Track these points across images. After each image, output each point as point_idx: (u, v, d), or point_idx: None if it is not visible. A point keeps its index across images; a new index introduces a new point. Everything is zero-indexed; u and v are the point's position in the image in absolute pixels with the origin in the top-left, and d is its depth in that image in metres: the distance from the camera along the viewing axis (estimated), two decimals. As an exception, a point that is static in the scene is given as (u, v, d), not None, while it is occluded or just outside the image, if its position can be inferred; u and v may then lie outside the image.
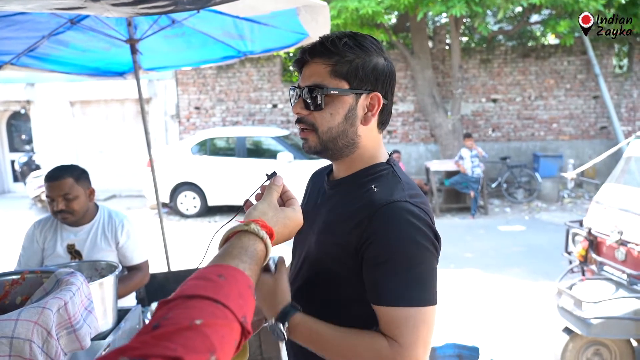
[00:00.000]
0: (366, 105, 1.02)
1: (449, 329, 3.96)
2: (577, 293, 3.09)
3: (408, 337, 0.92)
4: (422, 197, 1.03)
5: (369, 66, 1.00)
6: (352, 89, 1.00)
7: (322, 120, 1.01)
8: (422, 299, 0.93)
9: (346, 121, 1.01)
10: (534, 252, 6.12)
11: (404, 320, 0.92)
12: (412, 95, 10.46)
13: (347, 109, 1.01)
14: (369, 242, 0.95)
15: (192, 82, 10.81)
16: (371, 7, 7.77)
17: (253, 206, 0.91)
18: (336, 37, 1.00)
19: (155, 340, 0.54)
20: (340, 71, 0.99)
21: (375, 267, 0.95)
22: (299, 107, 1.02)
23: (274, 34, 2.88)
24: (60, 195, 2.07)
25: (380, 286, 0.94)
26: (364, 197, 1.01)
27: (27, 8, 1.38)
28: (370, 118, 1.03)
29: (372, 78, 1.01)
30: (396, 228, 0.94)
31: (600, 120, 10.36)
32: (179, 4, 1.43)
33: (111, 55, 3.06)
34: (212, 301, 0.61)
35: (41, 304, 1.06)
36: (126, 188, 10.70)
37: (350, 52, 0.99)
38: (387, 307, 0.93)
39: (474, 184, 8.20)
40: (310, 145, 1.04)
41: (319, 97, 0.99)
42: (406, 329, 0.92)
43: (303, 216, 1.19)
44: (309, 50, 1.01)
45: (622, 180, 3.64)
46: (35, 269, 1.33)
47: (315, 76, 1.00)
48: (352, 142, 1.03)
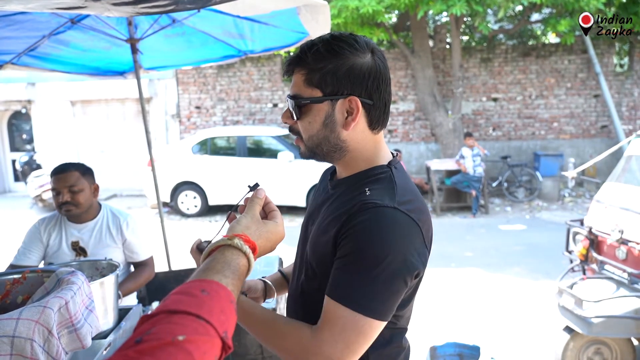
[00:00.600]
0: (346, 110, 0.99)
1: (449, 327, 3.96)
2: (577, 292, 3.09)
3: (332, 335, 0.90)
4: (416, 204, 0.99)
5: (341, 70, 0.97)
6: (326, 95, 0.98)
7: (304, 129, 1.02)
8: (366, 307, 0.90)
9: (325, 128, 1.00)
10: (534, 251, 6.12)
11: (336, 318, 0.91)
12: (412, 94, 10.46)
13: (323, 117, 0.99)
14: (345, 241, 0.94)
15: (193, 82, 10.81)
16: (371, 6, 7.76)
17: (236, 220, 0.92)
18: (310, 45, 0.99)
19: (137, 355, 0.54)
20: (312, 80, 0.98)
21: (341, 262, 0.94)
22: (286, 117, 1.05)
23: (274, 33, 2.88)
24: (65, 187, 2.12)
25: (333, 278, 0.94)
26: (355, 198, 0.99)
27: (27, 8, 1.38)
28: (350, 122, 0.99)
29: (346, 82, 0.97)
30: (369, 230, 0.92)
31: (601, 119, 10.35)
32: (180, 4, 1.43)
33: (112, 54, 3.06)
34: (195, 317, 0.61)
35: (42, 303, 1.06)
36: (127, 187, 10.71)
37: (320, 60, 0.97)
38: (330, 299, 0.93)
39: (476, 183, 8.20)
40: (302, 152, 1.07)
41: (298, 107, 1.00)
42: (334, 326, 0.90)
43: (308, 215, 1.21)
44: (290, 60, 1.01)
45: (623, 179, 3.64)
46: (36, 268, 1.33)
47: (295, 86, 1.01)
48: (338, 147, 1.02)
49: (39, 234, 2.20)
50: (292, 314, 1.16)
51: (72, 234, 2.21)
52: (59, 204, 2.14)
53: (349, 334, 0.89)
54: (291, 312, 1.17)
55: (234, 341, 2.12)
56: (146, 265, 2.37)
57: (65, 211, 2.15)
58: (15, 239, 2.60)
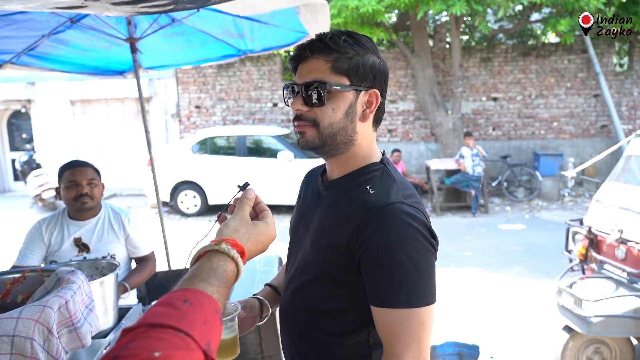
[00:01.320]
0: (364, 102, 1.03)
1: (449, 327, 3.96)
2: (577, 291, 3.09)
3: (402, 341, 0.92)
4: (417, 197, 1.03)
5: (367, 63, 1.01)
6: (353, 85, 1.00)
7: (323, 116, 1.00)
8: (421, 300, 0.93)
9: (346, 117, 1.01)
10: (534, 251, 6.13)
11: (399, 323, 0.92)
12: (412, 94, 10.46)
13: (347, 105, 1.01)
14: (366, 245, 0.95)
15: (193, 81, 10.81)
16: (371, 6, 7.76)
17: (224, 223, 0.90)
18: (335, 35, 1.00)
19: None
20: (340, 67, 0.99)
21: (374, 269, 0.95)
22: (299, 104, 1.01)
23: (273, 32, 2.88)
24: (86, 179, 2.19)
25: (378, 288, 0.94)
26: (359, 198, 1.00)
27: (27, 7, 1.38)
28: (368, 115, 1.03)
29: (371, 75, 1.02)
30: (394, 230, 0.94)
31: (601, 118, 10.35)
32: (179, 3, 1.43)
33: (111, 54, 3.06)
34: (174, 330, 0.60)
35: (42, 302, 1.06)
36: (127, 187, 10.71)
37: (350, 49, 0.99)
38: (384, 308, 0.93)
39: (475, 183, 8.20)
40: (308, 140, 1.03)
41: (321, 93, 0.98)
42: (400, 332, 0.92)
43: (298, 218, 1.19)
44: (309, 47, 1.01)
45: (622, 178, 3.64)
46: (36, 268, 1.33)
47: (315, 72, 1.00)
48: (350, 138, 1.03)
49: (40, 234, 2.21)
50: (288, 322, 1.15)
51: (75, 231, 2.23)
52: (75, 196, 2.17)
53: (415, 330, 0.92)
54: (288, 321, 1.15)
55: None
56: (149, 260, 2.42)
57: (81, 203, 2.19)
58: (15, 238, 2.61)
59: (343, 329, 1.04)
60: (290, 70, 1.07)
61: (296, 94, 1.02)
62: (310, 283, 1.07)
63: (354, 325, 1.03)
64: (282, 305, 1.18)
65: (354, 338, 1.04)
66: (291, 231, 1.22)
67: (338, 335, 1.04)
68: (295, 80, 1.04)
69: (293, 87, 1.03)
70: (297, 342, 1.13)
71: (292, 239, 1.20)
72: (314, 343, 1.08)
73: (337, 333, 1.04)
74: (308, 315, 1.08)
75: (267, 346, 2.12)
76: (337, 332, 1.04)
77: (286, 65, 11.04)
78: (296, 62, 1.04)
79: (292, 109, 1.03)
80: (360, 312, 1.02)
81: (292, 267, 1.16)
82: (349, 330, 1.04)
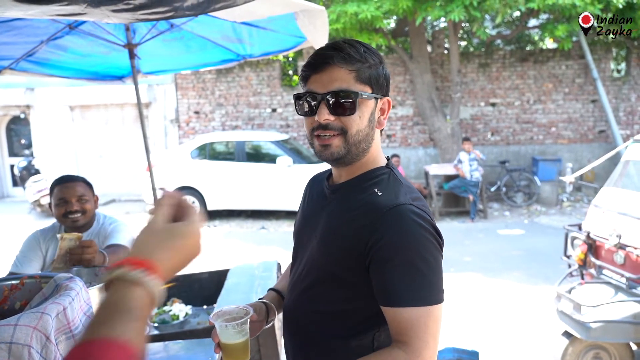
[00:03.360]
0: (379, 109, 1.08)
1: (448, 332, 3.95)
2: (576, 297, 3.09)
3: (421, 338, 0.94)
4: (423, 200, 1.06)
5: (383, 72, 1.05)
6: (374, 93, 1.04)
7: (352, 124, 1.02)
8: (433, 298, 0.96)
9: (369, 124, 1.05)
10: (533, 256, 6.12)
11: (416, 320, 0.94)
12: (411, 100, 10.49)
13: (370, 113, 1.05)
14: (378, 246, 0.96)
15: (192, 87, 10.83)
16: (370, 12, 7.80)
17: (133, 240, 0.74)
18: (353, 44, 1.03)
19: None
20: (364, 76, 1.02)
21: (385, 270, 0.96)
22: (326, 113, 1.00)
23: (272, 37, 2.89)
24: (75, 197, 2.13)
25: (391, 288, 0.95)
26: (368, 200, 1.02)
27: (27, 14, 1.38)
28: (382, 121, 1.08)
29: (385, 83, 1.07)
30: (404, 230, 0.96)
31: (599, 124, 10.39)
32: (179, 10, 1.44)
33: (110, 59, 3.07)
34: None
35: (40, 309, 1.06)
36: (126, 192, 10.70)
37: (370, 58, 1.03)
38: (399, 308, 0.95)
39: (473, 188, 8.21)
40: (334, 152, 1.02)
41: (352, 102, 1.00)
42: (418, 330, 0.94)
43: (303, 221, 1.19)
44: (333, 56, 1.00)
45: (621, 184, 3.65)
46: (35, 274, 1.33)
47: (339, 81, 1.00)
48: (369, 145, 1.07)
49: (38, 244, 2.19)
50: (293, 325, 1.15)
51: None
52: (65, 213, 2.12)
53: (431, 327, 0.95)
54: (293, 323, 1.15)
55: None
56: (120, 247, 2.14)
57: (72, 221, 2.14)
58: (14, 244, 2.60)
59: (348, 331, 1.04)
60: (301, 79, 1.06)
61: (319, 103, 1.01)
62: (316, 285, 1.08)
63: (359, 327, 1.04)
64: (287, 307, 1.18)
65: (359, 340, 1.04)
66: (295, 235, 1.22)
67: (343, 337, 1.05)
68: (314, 89, 1.01)
69: (314, 96, 1.01)
70: (301, 344, 1.13)
71: (296, 243, 1.21)
72: (319, 345, 1.08)
73: (342, 335, 1.05)
74: (313, 316, 1.08)
75: (266, 352, 2.11)
76: (342, 334, 1.05)
77: (285, 70, 11.07)
78: (313, 71, 1.02)
79: (317, 120, 1.01)
80: (366, 314, 1.03)
81: (297, 270, 1.16)
82: (354, 333, 1.04)
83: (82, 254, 1.71)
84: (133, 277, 0.64)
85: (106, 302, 0.64)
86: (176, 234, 0.73)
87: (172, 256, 0.71)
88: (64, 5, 1.24)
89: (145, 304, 0.64)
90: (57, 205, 2.15)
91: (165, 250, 0.70)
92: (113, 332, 0.59)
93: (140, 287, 0.64)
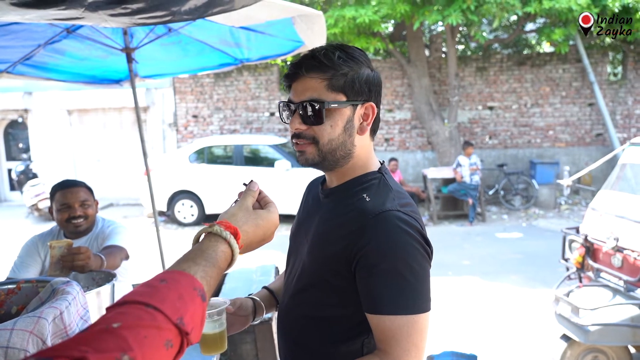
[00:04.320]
0: (361, 115, 1.05)
1: (446, 336, 3.94)
2: (574, 300, 3.09)
3: (402, 347, 0.92)
4: (413, 206, 1.04)
5: (362, 78, 1.02)
6: (349, 100, 1.02)
7: (322, 133, 1.01)
8: (418, 307, 0.94)
9: (345, 132, 1.03)
10: (531, 259, 6.13)
11: (398, 329, 0.92)
12: (409, 103, 10.51)
13: (345, 121, 1.02)
14: (363, 252, 0.95)
15: (190, 91, 10.84)
16: (368, 16, 7.83)
17: (225, 211, 0.91)
18: (328, 51, 1.01)
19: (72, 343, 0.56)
20: (336, 84, 1.00)
21: (370, 276, 0.95)
22: (297, 123, 1.02)
23: (270, 41, 2.90)
24: (78, 202, 2.14)
25: (375, 295, 0.94)
26: (356, 205, 1.02)
27: (25, 19, 1.38)
28: (365, 128, 1.05)
29: (366, 89, 1.03)
30: (389, 236, 0.95)
31: (596, 127, 10.42)
32: (176, 15, 1.44)
33: (108, 63, 3.07)
34: (142, 305, 0.63)
35: (37, 313, 1.05)
36: (124, 196, 10.68)
37: (345, 65, 1.01)
38: (383, 315, 0.94)
39: (473, 192, 8.22)
40: (308, 158, 1.04)
41: (319, 112, 0.99)
42: (400, 338, 0.92)
43: (298, 226, 1.20)
44: (304, 65, 1.01)
45: (618, 187, 3.66)
46: (31, 279, 1.32)
47: (310, 91, 1.00)
48: (349, 152, 1.05)
49: (37, 249, 2.19)
50: (285, 329, 1.15)
51: None
52: (68, 218, 2.12)
53: (414, 337, 0.93)
54: (285, 327, 1.16)
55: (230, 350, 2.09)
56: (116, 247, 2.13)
57: (74, 226, 2.14)
58: (11, 248, 2.59)
59: (337, 336, 1.04)
60: (285, 87, 1.07)
61: (293, 112, 1.03)
62: (306, 290, 1.07)
63: (348, 333, 1.04)
64: (280, 311, 1.19)
65: (348, 346, 1.04)
66: (291, 238, 1.23)
67: (332, 342, 1.05)
68: (291, 98, 1.04)
69: (289, 104, 1.04)
70: (292, 349, 1.13)
71: (291, 246, 1.21)
72: (309, 350, 1.08)
73: (331, 340, 1.05)
74: (304, 321, 1.08)
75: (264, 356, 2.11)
76: (331, 339, 1.05)
77: (283, 75, 11.08)
78: (290, 80, 1.05)
79: (291, 128, 1.04)
80: (355, 320, 1.02)
81: (290, 274, 1.17)
82: (343, 338, 1.04)
83: (72, 261, 1.70)
84: (224, 235, 0.81)
85: (196, 248, 0.80)
86: (260, 216, 0.91)
87: (252, 232, 0.88)
88: (61, 9, 1.24)
89: (226, 258, 0.80)
90: (59, 210, 2.14)
91: (250, 226, 0.88)
92: (194, 267, 0.74)
93: (226, 245, 0.81)
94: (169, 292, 0.67)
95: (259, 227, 0.90)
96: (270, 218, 0.92)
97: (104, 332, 0.58)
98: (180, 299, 0.67)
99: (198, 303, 0.70)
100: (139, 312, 0.62)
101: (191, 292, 0.69)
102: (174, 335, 0.63)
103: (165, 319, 0.63)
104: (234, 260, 0.82)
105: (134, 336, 0.58)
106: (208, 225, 0.84)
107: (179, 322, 0.64)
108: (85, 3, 1.22)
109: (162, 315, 0.63)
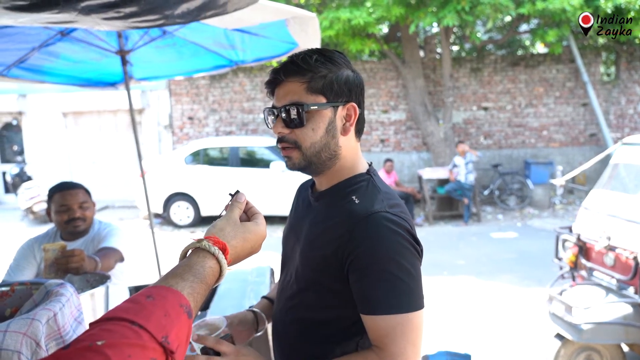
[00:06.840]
0: (343, 116, 1.05)
1: (441, 336, 3.96)
2: (567, 299, 3.11)
3: (398, 345, 0.93)
4: (402, 207, 1.05)
5: (341, 79, 1.03)
6: (329, 102, 1.03)
7: (304, 137, 1.03)
8: (411, 305, 0.95)
9: (327, 134, 1.03)
10: (526, 259, 6.16)
11: (393, 328, 0.93)
12: (404, 104, 10.54)
13: (327, 122, 1.03)
14: (354, 254, 0.96)
15: (185, 93, 10.83)
16: (363, 18, 7.86)
17: (212, 224, 0.91)
18: (306, 55, 1.03)
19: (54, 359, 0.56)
20: (316, 87, 1.01)
21: (362, 277, 0.96)
22: (280, 127, 1.03)
23: (264, 43, 2.91)
24: (77, 203, 2.15)
25: (369, 296, 0.95)
26: (345, 208, 1.02)
27: (18, 22, 1.39)
28: (349, 128, 1.06)
29: (346, 89, 1.04)
30: (380, 238, 0.96)
31: (590, 127, 10.49)
32: (170, 18, 1.45)
33: (103, 65, 3.07)
34: (128, 322, 0.62)
35: (30, 315, 1.06)
36: (119, 199, 10.65)
37: (323, 67, 1.02)
38: (377, 315, 0.95)
39: (469, 192, 8.26)
40: (294, 163, 1.05)
41: (299, 114, 1.00)
42: (395, 336, 0.93)
43: (289, 229, 1.20)
44: (282, 70, 1.03)
45: (610, 186, 3.68)
46: (25, 281, 1.33)
47: (291, 94, 1.02)
48: (334, 153, 1.05)
49: (32, 252, 2.18)
50: (280, 332, 1.16)
51: None
52: (68, 220, 2.13)
53: (409, 334, 0.94)
54: (279, 330, 1.16)
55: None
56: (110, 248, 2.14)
57: (73, 227, 2.15)
58: (6, 251, 2.58)
59: (332, 338, 1.05)
60: (267, 94, 1.09)
61: (276, 117, 1.05)
62: (300, 293, 1.08)
63: (343, 334, 1.05)
64: (274, 315, 1.19)
65: (343, 348, 1.05)
66: (283, 243, 1.24)
67: (327, 344, 1.05)
68: (274, 104, 1.06)
69: (272, 110, 1.05)
70: (287, 352, 1.14)
71: (284, 250, 1.22)
72: (304, 352, 1.09)
73: (325, 342, 1.05)
74: (298, 324, 1.09)
75: None
76: (325, 341, 1.05)
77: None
78: (272, 86, 1.06)
79: (274, 132, 1.06)
80: (349, 321, 1.03)
81: (283, 278, 1.18)
82: (338, 340, 1.05)
83: (67, 264, 1.71)
84: (212, 250, 0.80)
85: (183, 263, 0.79)
86: (248, 229, 0.91)
87: (241, 247, 0.88)
88: (54, 13, 1.24)
89: (214, 274, 0.79)
90: (58, 211, 2.15)
91: (238, 240, 0.88)
92: (181, 283, 0.73)
93: (214, 261, 0.80)
94: (155, 309, 0.66)
95: (247, 241, 0.90)
96: (257, 231, 0.92)
97: (87, 349, 0.57)
98: (167, 316, 0.66)
99: (184, 320, 0.69)
100: (124, 330, 0.61)
101: (177, 309, 0.69)
102: (159, 354, 0.62)
103: (150, 337, 0.62)
104: (222, 276, 0.82)
105: (118, 355, 0.58)
106: (196, 240, 0.83)
107: (163, 341, 0.63)
108: (78, 7, 1.23)
109: (147, 334, 0.62)
